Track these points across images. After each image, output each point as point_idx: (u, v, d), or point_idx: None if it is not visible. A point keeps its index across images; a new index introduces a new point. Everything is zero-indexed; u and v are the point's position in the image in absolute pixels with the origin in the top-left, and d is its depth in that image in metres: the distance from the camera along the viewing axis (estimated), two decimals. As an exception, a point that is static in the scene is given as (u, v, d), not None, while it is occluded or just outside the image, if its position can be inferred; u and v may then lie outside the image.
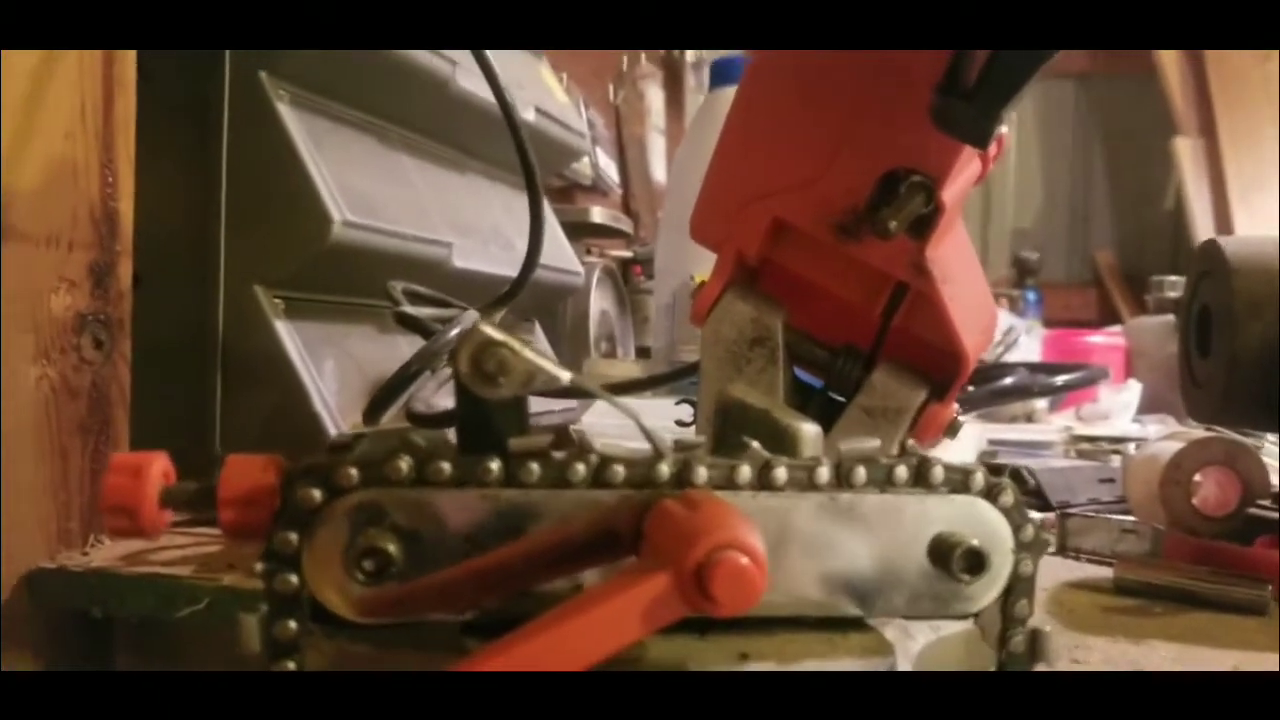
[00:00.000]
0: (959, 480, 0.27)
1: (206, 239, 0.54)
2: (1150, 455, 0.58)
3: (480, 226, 0.74)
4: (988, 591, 0.28)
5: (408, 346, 0.65)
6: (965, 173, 0.35)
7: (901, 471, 0.27)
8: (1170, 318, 1.48)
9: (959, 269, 0.36)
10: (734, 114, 0.37)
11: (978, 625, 0.29)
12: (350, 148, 0.62)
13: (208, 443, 0.54)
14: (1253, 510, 0.53)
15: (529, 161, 0.56)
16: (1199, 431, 0.60)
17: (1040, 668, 0.28)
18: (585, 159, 1.39)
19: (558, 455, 0.25)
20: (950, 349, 0.36)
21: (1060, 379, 1.05)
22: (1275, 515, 0.52)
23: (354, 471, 0.24)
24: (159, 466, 0.22)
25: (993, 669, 0.28)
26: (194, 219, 0.54)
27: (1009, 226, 3.18)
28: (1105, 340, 1.64)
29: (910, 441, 0.29)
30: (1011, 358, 1.40)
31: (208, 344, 0.54)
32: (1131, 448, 0.82)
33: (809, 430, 0.31)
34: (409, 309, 0.49)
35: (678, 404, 0.38)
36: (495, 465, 0.24)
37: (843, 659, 0.25)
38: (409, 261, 0.61)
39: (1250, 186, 2.40)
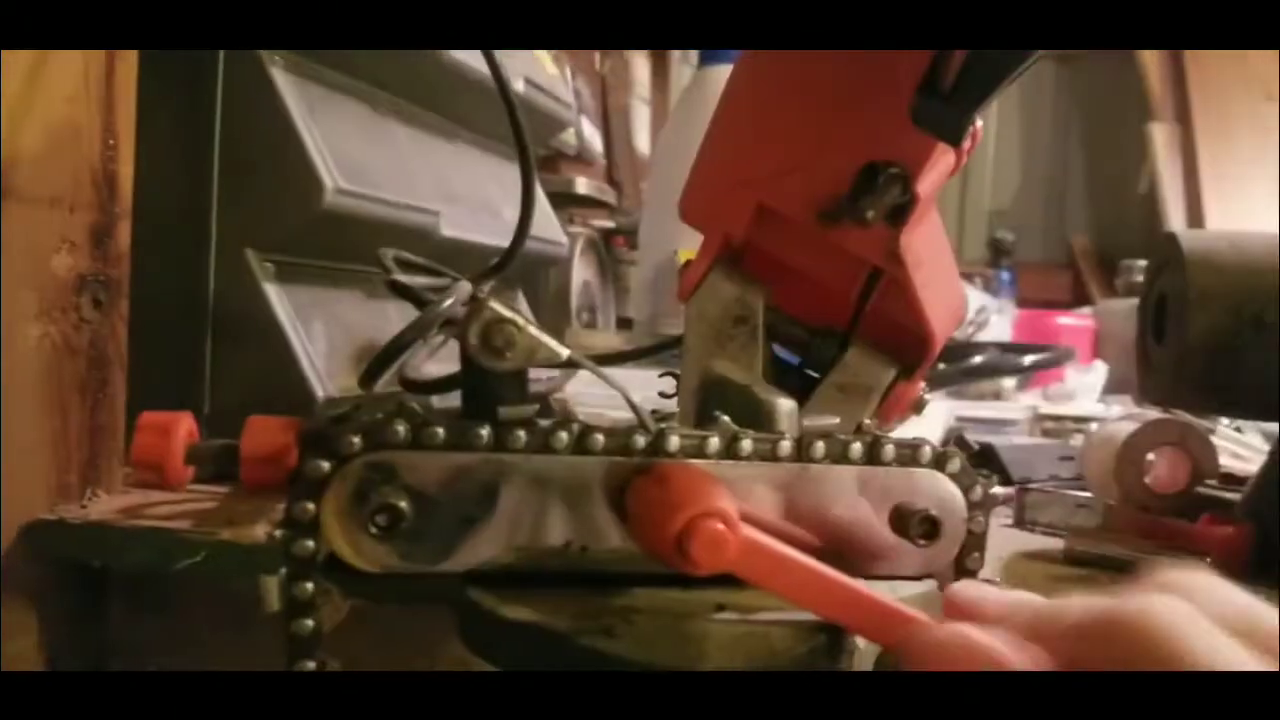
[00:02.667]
0: (909, 455, 0.30)
1: (200, 203, 0.55)
2: (1107, 434, 0.60)
3: (469, 196, 0.75)
4: (944, 553, 0.30)
5: (395, 311, 0.66)
6: (940, 165, 0.36)
7: (857, 447, 0.29)
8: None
9: (931, 256, 0.38)
10: (724, 102, 0.38)
11: (935, 578, 0.31)
12: (343, 114, 0.62)
13: (198, 402, 0.55)
14: (1201, 489, 0.56)
15: (523, 139, 0.57)
16: (1155, 413, 0.63)
17: None
18: (571, 129, 1.39)
19: (543, 423, 0.27)
20: (920, 331, 0.38)
21: (1028, 359, 1.09)
22: (1222, 494, 0.55)
23: (358, 438, 0.25)
24: (185, 426, 0.24)
25: None
26: (188, 183, 0.55)
27: (986, 207, 3.20)
28: (1075, 322, 1.67)
29: (866, 420, 0.31)
30: (983, 337, 1.43)
31: (200, 306, 0.55)
32: (1094, 427, 0.85)
33: (784, 405, 0.33)
34: (401, 277, 0.50)
35: (661, 376, 0.39)
36: (485, 431, 0.26)
37: (807, 611, 0.28)
38: (398, 229, 0.62)
39: (1222, 175, 2.44)
